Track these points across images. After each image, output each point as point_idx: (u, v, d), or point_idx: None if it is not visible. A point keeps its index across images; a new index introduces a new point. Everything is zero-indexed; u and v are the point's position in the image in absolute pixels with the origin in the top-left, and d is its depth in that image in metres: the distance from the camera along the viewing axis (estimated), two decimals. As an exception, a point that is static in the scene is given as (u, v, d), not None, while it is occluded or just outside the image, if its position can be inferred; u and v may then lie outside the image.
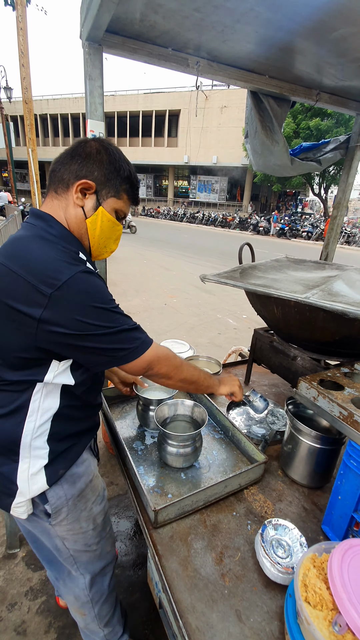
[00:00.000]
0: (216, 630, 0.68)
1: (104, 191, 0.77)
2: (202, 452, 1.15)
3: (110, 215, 0.79)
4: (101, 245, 0.83)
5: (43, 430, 0.75)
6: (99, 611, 0.98)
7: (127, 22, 0.90)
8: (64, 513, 0.81)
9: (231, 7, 0.82)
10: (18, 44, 3.40)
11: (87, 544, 0.88)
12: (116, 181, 0.77)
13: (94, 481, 0.89)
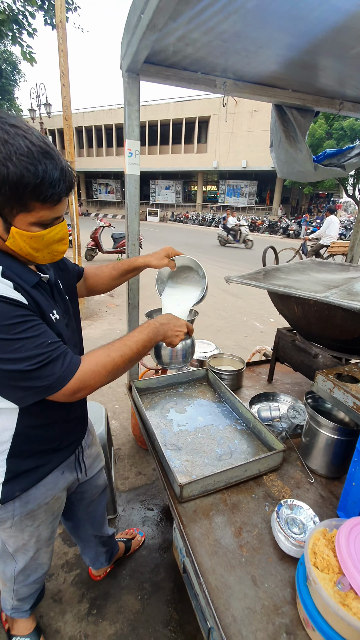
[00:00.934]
0: (233, 590, 0.76)
1: (7, 209, 0.61)
2: (224, 441, 1.23)
3: (29, 233, 0.65)
4: (43, 255, 0.71)
5: (2, 450, 0.76)
6: (18, 589, 1.07)
7: (162, 54, 1.03)
8: (8, 524, 0.86)
9: (254, 36, 0.92)
10: (59, 65, 3.68)
11: (25, 550, 0.95)
12: (13, 193, 0.59)
13: (51, 504, 0.91)
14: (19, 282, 0.67)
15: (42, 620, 1.32)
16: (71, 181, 0.66)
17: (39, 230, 0.66)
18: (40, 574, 1.08)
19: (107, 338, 4.03)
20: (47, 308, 0.75)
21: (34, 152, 0.58)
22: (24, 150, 0.57)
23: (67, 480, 0.96)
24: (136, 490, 1.94)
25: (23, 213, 0.62)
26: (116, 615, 1.35)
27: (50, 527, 0.98)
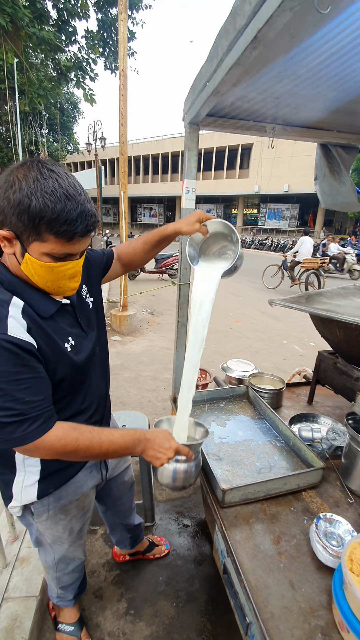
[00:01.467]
0: (271, 590, 0.82)
1: (25, 235, 0.67)
2: (264, 456, 1.29)
3: (39, 262, 0.69)
4: (53, 287, 0.75)
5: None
6: (60, 577, 1.17)
7: (220, 108, 1.20)
8: (45, 517, 0.96)
9: (303, 93, 1.05)
10: (119, 107, 4.13)
11: (60, 542, 1.06)
12: (31, 222, 0.65)
13: (81, 500, 1.01)
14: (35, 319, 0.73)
15: (85, 613, 1.42)
16: (89, 225, 0.70)
17: (50, 262, 0.70)
18: (77, 563, 1.18)
19: (147, 354, 4.21)
20: (61, 337, 0.80)
21: (57, 193, 0.65)
22: (49, 189, 0.64)
23: (94, 479, 1.06)
24: (173, 501, 2.00)
25: (37, 242, 0.68)
26: (152, 618, 1.41)
27: (81, 521, 1.07)
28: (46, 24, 8.83)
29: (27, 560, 1.46)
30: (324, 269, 7.69)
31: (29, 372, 0.71)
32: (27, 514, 0.98)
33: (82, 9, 9.43)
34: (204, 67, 0.98)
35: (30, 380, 0.71)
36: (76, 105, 21.84)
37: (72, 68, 9.90)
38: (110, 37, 9.94)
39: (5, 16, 7.25)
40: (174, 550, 1.70)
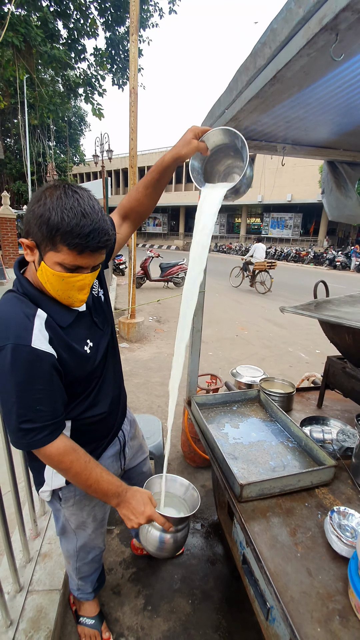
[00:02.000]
0: (290, 577, 0.88)
1: (42, 245, 0.74)
2: (277, 455, 1.35)
3: (52, 270, 0.75)
4: (63, 297, 0.81)
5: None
6: (80, 567, 1.23)
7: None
8: (71, 503, 1.05)
9: (313, 119, 1.15)
10: (129, 123, 4.29)
11: (84, 527, 1.13)
12: (49, 233, 0.72)
13: None
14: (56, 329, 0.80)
15: (104, 608, 1.47)
16: (100, 241, 0.75)
17: (61, 272, 0.75)
18: (96, 552, 1.24)
19: (155, 361, 4.28)
20: (80, 342, 0.88)
21: (75, 210, 0.71)
22: (68, 206, 0.71)
23: (114, 468, 1.15)
24: (185, 503, 2.05)
25: (52, 252, 0.74)
26: (169, 614, 1.45)
27: (103, 509, 1.15)
28: (57, 42, 9.17)
29: (49, 556, 1.51)
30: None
31: (45, 383, 0.78)
32: (55, 500, 1.06)
33: (92, 27, 9.79)
34: (222, 96, 1.08)
35: (45, 391, 0.78)
36: (83, 118, 22.40)
37: (81, 84, 10.24)
38: (118, 54, 10.28)
39: (18, 36, 7.55)
40: (187, 550, 1.74)
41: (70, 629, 1.39)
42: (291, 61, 0.70)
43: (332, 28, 0.60)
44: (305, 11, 0.62)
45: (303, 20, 0.64)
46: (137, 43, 4.08)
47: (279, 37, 0.71)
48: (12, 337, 0.73)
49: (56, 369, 0.81)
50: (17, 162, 20.14)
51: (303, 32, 0.65)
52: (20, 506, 1.36)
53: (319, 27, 0.61)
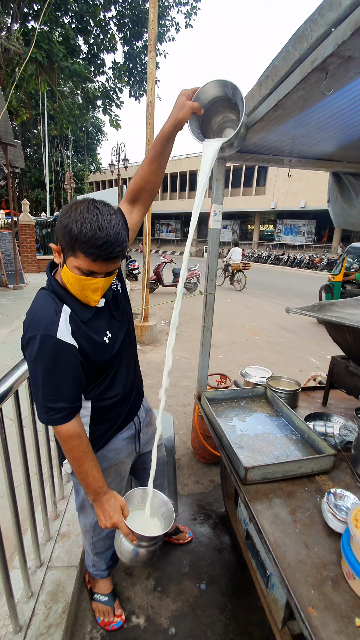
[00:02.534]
0: (288, 548, 0.97)
1: (66, 250, 0.87)
2: (281, 446, 1.44)
3: (71, 272, 0.87)
4: (81, 296, 0.93)
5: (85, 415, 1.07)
6: (95, 542, 1.34)
7: (244, 147, 1.43)
8: None
9: (315, 135, 1.26)
10: (146, 135, 4.49)
11: None
12: (69, 241, 0.84)
13: (118, 465, 1.21)
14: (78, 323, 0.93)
15: (117, 587, 1.57)
16: (112, 252, 0.85)
17: (78, 274, 0.87)
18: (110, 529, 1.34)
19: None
20: (99, 334, 1.00)
21: (93, 224, 0.82)
22: (87, 220, 0.82)
23: (128, 450, 1.25)
24: (194, 496, 2.15)
25: (72, 257, 0.86)
26: (178, 596, 1.55)
27: (119, 486, 1.25)
28: (77, 57, 9.59)
29: (67, 536, 1.63)
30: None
31: (66, 370, 0.91)
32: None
33: (110, 42, 10.20)
34: (233, 117, 1.21)
35: (66, 378, 0.91)
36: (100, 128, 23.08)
37: (100, 96, 10.65)
38: (136, 67, 10.65)
39: (42, 52, 7.95)
40: (196, 539, 1.84)
41: (85, 605, 1.50)
42: (290, 93, 0.83)
43: (322, 69, 0.72)
44: (300, 54, 0.75)
45: (298, 61, 0.76)
46: (155, 60, 4.28)
47: (279, 73, 0.83)
48: (42, 328, 0.87)
49: (77, 358, 0.93)
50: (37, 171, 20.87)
51: (299, 71, 0.78)
52: (44, 489, 1.50)
53: (311, 67, 0.73)
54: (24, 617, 1.29)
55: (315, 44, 0.71)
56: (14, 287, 8.12)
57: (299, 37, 0.74)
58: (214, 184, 1.53)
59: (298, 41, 0.75)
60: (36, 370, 0.88)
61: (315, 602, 0.84)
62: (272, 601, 0.97)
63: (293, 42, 0.76)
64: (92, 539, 1.35)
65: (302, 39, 0.73)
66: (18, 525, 1.20)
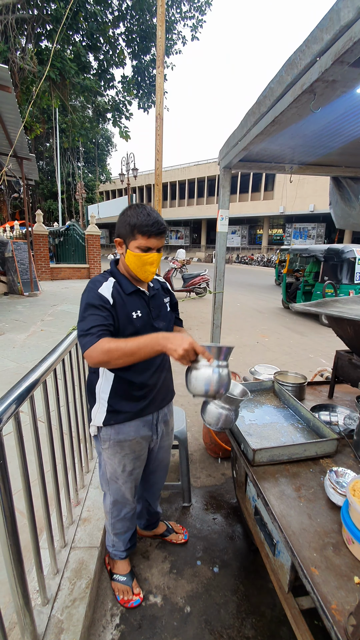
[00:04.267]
0: (293, 518, 1.06)
1: (127, 239, 1.17)
2: (288, 434, 1.53)
3: (133, 252, 1.16)
4: (140, 271, 1.19)
5: (107, 389, 1.25)
6: (114, 523, 1.47)
7: (248, 156, 1.55)
8: (107, 445, 1.30)
9: (312, 144, 1.38)
10: (155, 145, 4.67)
11: (116, 477, 1.35)
12: (130, 229, 1.15)
13: (134, 443, 1.31)
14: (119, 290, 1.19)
15: (135, 569, 1.67)
16: (159, 229, 1.16)
17: (139, 253, 1.16)
18: (127, 510, 1.46)
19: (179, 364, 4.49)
20: (131, 307, 1.21)
21: (143, 214, 1.15)
22: (139, 212, 1.15)
23: (146, 433, 1.34)
24: (207, 488, 2.24)
25: (132, 240, 1.16)
26: (192, 578, 1.64)
27: (132, 464, 1.35)
28: (88, 73, 9.97)
29: (88, 520, 1.75)
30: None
31: (100, 312, 1.13)
32: (99, 440, 1.33)
33: (120, 58, 10.57)
34: (236, 130, 1.34)
35: (98, 316, 1.12)
36: (110, 139, 23.68)
37: (110, 109, 11.01)
38: (144, 81, 10.99)
39: (55, 70, 8.32)
40: (208, 527, 1.92)
41: (106, 585, 1.61)
42: (284, 111, 0.95)
43: (310, 91, 0.84)
44: (292, 78, 0.87)
45: (290, 85, 0.89)
46: (163, 75, 4.48)
47: (275, 94, 0.96)
48: (91, 284, 1.19)
49: (109, 310, 1.16)
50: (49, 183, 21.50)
51: (291, 92, 0.90)
52: (67, 477, 1.62)
53: (301, 90, 0.85)
54: (50, 592, 1.40)
55: (304, 71, 0.83)
56: (29, 295, 8.40)
57: (290, 64, 0.86)
58: (220, 190, 1.65)
59: (290, 68, 0.87)
60: (81, 304, 1.16)
61: (318, 563, 0.93)
62: (279, 567, 1.06)
63: (286, 69, 0.89)
64: (112, 520, 1.47)
65: (293, 66, 0.86)
66: (47, 509, 1.33)
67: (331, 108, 1.01)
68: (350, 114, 1.04)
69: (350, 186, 1.82)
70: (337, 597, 0.84)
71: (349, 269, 6.70)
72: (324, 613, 0.80)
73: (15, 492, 1.02)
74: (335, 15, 0.69)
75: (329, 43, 0.73)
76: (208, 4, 11.05)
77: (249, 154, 1.51)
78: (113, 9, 10.07)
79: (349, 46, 0.68)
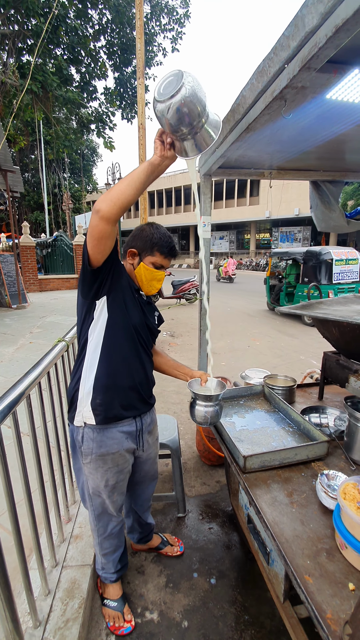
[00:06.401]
0: (285, 525, 1.05)
1: (143, 253, 1.23)
2: (279, 438, 1.52)
3: (148, 267, 1.23)
4: (147, 285, 1.27)
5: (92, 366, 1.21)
6: (101, 542, 1.41)
7: (227, 163, 1.57)
8: (89, 459, 1.24)
9: (289, 150, 1.40)
10: (139, 154, 4.70)
11: (98, 492, 1.31)
12: (150, 245, 1.22)
13: (117, 456, 1.27)
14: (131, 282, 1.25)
15: (129, 586, 1.63)
16: (175, 252, 1.29)
17: (152, 268, 1.24)
18: (113, 524, 1.39)
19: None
20: (132, 292, 1.25)
21: (165, 235, 1.26)
22: (162, 233, 1.26)
23: (129, 446, 1.30)
24: (202, 497, 2.20)
25: (149, 255, 1.24)
26: (189, 591, 1.60)
27: (116, 478, 1.30)
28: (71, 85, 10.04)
29: (80, 537, 1.70)
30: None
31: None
32: (78, 454, 1.27)
33: (101, 70, 10.68)
34: (213, 138, 1.35)
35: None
36: (95, 150, 23.81)
37: (93, 121, 11.08)
38: (126, 92, 11.12)
39: (37, 83, 8.35)
40: (204, 536, 1.89)
41: (99, 604, 1.55)
42: (257, 117, 0.96)
43: (281, 98, 0.85)
44: (262, 86, 0.88)
45: (261, 92, 0.90)
46: (144, 85, 4.54)
47: (247, 101, 0.97)
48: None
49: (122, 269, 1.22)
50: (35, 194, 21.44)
51: (262, 99, 0.91)
52: (57, 494, 1.57)
53: (271, 97, 0.86)
54: (42, 613, 1.35)
55: (273, 78, 0.84)
56: (17, 307, 8.29)
57: (260, 72, 0.88)
58: (201, 197, 1.66)
59: (260, 75, 0.88)
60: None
61: (311, 570, 0.91)
62: (273, 576, 1.04)
63: (256, 76, 0.90)
64: (99, 538, 1.41)
65: (263, 74, 0.87)
66: (35, 529, 1.28)
67: (304, 114, 1.02)
68: (322, 119, 1.06)
69: (329, 189, 1.85)
70: (332, 605, 0.82)
71: (327, 270, 6.93)
72: (319, 623, 0.78)
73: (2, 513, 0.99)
74: (300, 22, 0.70)
75: (296, 49, 0.74)
76: (187, 17, 11.30)
77: (227, 161, 1.52)
78: (93, 22, 10.21)
79: (315, 52, 0.70)
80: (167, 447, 1.95)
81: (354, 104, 0.95)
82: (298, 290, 7.74)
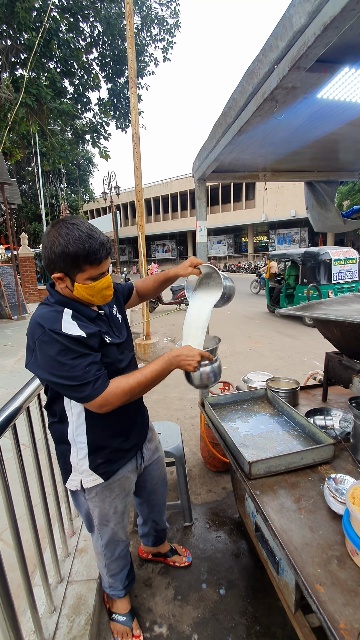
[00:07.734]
0: (294, 532, 1.02)
1: (71, 272, 0.96)
2: (284, 442, 1.49)
3: (85, 285, 0.98)
4: (99, 298, 1.03)
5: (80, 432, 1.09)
6: (108, 565, 1.35)
7: (221, 166, 1.57)
8: (94, 494, 1.17)
9: (282, 152, 1.40)
10: (134, 162, 4.72)
11: (107, 521, 1.24)
12: (71, 261, 0.93)
13: (122, 480, 1.22)
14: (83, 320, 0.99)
15: (137, 599, 1.59)
16: (108, 249, 0.99)
17: (91, 283, 0.99)
18: (121, 547, 1.34)
19: (172, 378, 4.41)
20: (104, 333, 1.06)
21: (83, 237, 0.92)
22: (76, 237, 0.92)
23: (132, 466, 1.27)
24: (208, 504, 2.17)
25: (80, 273, 0.96)
26: (198, 603, 1.56)
27: (124, 502, 1.25)
28: (65, 97, 10.16)
29: (85, 551, 1.66)
30: None
31: (87, 352, 0.95)
32: (80, 492, 1.19)
33: (94, 81, 10.83)
34: (206, 142, 1.35)
35: (89, 357, 0.95)
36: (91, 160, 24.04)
37: (88, 131, 11.20)
38: (120, 102, 11.25)
39: (31, 96, 8.46)
40: (212, 545, 1.85)
41: (107, 619, 1.52)
42: (249, 120, 0.96)
43: (272, 99, 0.85)
44: (252, 88, 0.88)
45: (252, 94, 0.89)
46: (137, 95, 4.58)
47: (238, 104, 0.96)
48: (48, 325, 0.93)
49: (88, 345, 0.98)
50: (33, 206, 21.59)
51: (253, 102, 0.90)
52: (60, 508, 1.54)
53: (262, 99, 0.86)
54: (48, 631, 1.31)
55: (263, 79, 0.84)
56: (17, 318, 8.29)
57: (250, 74, 0.87)
58: (197, 203, 1.65)
59: (250, 77, 0.88)
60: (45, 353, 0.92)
61: (322, 579, 0.89)
62: (283, 586, 1.01)
63: (246, 78, 0.90)
64: (105, 562, 1.35)
65: (253, 76, 0.86)
66: (38, 544, 1.25)
67: (296, 114, 1.02)
68: (314, 119, 1.06)
69: (324, 189, 1.85)
70: (344, 615, 0.79)
71: (326, 270, 6.94)
72: (332, 634, 0.75)
73: (4, 528, 0.96)
74: (287, 22, 0.70)
75: (284, 50, 0.74)
76: (177, 27, 11.48)
77: (221, 165, 1.52)
78: (85, 35, 10.37)
79: (304, 51, 0.69)
80: (171, 455, 1.92)
81: (345, 102, 0.95)
82: (298, 292, 7.74)
